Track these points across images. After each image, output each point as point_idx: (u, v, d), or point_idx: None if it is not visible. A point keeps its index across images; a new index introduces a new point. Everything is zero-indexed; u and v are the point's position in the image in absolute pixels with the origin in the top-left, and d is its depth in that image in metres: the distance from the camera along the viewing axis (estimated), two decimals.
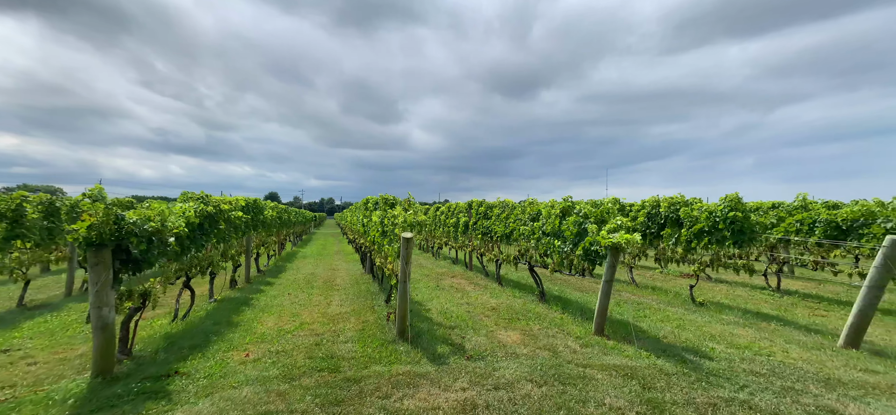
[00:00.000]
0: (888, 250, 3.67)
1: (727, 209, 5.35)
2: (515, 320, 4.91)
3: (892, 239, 3.66)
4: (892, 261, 3.68)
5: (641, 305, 5.82)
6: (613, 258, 4.16)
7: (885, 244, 3.69)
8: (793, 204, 6.99)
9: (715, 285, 7.51)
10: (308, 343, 3.89)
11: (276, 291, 6.67)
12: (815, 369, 3.33)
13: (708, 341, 4.09)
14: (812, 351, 3.79)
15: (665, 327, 4.65)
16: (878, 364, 3.44)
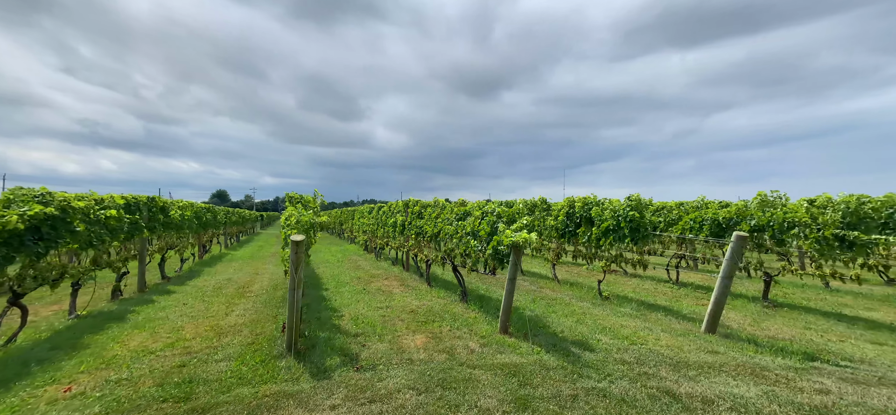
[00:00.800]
0: (735, 245, 4.29)
1: (628, 209, 5.90)
2: (429, 322, 4.89)
3: (737, 235, 4.28)
4: (738, 254, 4.30)
5: (555, 300, 6.19)
6: (515, 257, 4.32)
7: (733, 240, 4.30)
8: (692, 203, 7.99)
9: (629, 279, 8.29)
10: (169, 366, 3.44)
11: (170, 302, 5.93)
12: (673, 354, 3.75)
13: (598, 334, 4.43)
14: (679, 338, 4.30)
15: (567, 321, 4.96)
16: (721, 346, 3.99)
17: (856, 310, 5.65)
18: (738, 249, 4.29)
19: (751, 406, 2.77)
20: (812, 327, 4.75)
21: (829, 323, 4.95)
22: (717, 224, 6.96)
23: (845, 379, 3.16)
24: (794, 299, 6.34)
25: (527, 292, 6.91)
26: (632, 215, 5.76)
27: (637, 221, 5.76)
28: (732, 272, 4.33)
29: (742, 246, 4.28)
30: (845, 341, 4.26)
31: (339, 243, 18.67)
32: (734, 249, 4.28)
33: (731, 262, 4.32)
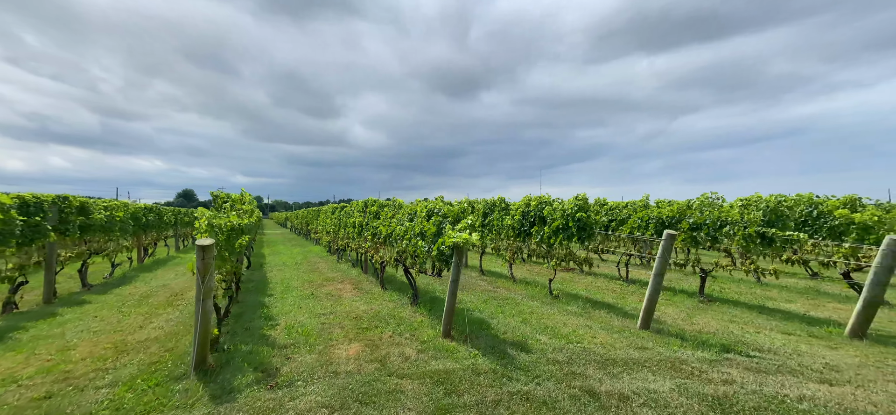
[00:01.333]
0: (665, 243, 4.52)
1: (575, 209, 6.07)
2: (371, 328, 4.73)
3: (667, 234, 4.51)
4: (668, 252, 4.54)
5: (507, 300, 6.25)
6: (457, 258, 4.26)
7: (663, 238, 4.53)
8: (640, 202, 8.43)
9: (583, 277, 8.60)
10: (28, 399, 3.00)
11: (76, 315, 5.30)
12: (604, 352, 3.87)
13: (539, 333, 4.49)
14: (615, 334, 4.46)
15: (513, 321, 5.00)
16: (651, 341, 4.19)
17: (778, 302, 6.20)
18: (668, 247, 4.52)
19: (661, 400, 2.89)
20: (736, 320, 5.12)
21: (751, 316, 5.37)
22: (661, 223, 7.39)
23: (750, 369, 3.40)
24: (728, 294, 6.85)
25: (482, 293, 6.93)
26: (579, 215, 5.94)
27: (584, 220, 5.94)
28: (663, 270, 4.56)
29: (671, 244, 4.52)
30: (761, 332, 4.63)
31: (304, 245, 17.91)
32: (664, 247, 4.51)
33: (662, 259, 4.54)
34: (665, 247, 4.51)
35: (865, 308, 4.33)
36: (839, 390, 3.00)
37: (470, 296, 6.58)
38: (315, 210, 21.18)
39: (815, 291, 7.01)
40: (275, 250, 15.50)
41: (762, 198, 6.04)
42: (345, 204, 13.31)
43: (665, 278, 8.25)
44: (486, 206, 9.44)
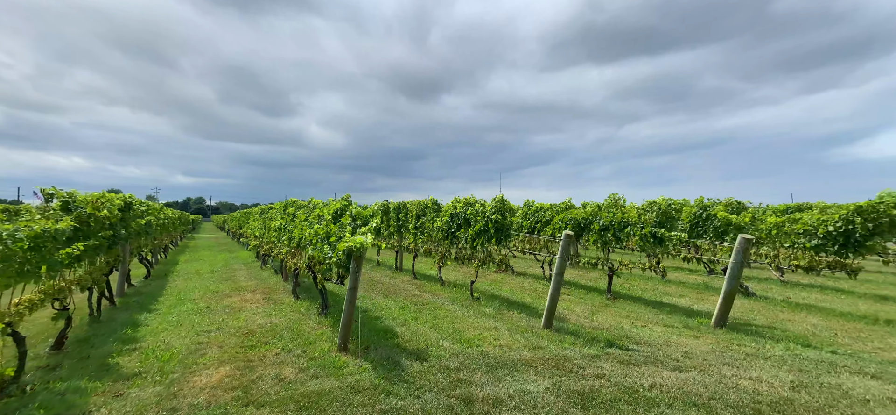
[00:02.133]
0: (563, 243, 4.80)
1: (493, 211, 6.22)
2: (257, 346, 4.26)
3: (565, 235, 4.79)
4: (566, 252, 4.83)
5: (427, 305, 6.18)
6: (355, 264, 4.01)
7: (562, 239, 4.81)
8: (561, 205, 9.04)
9: (513, 278, 8.94)
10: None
11: None
12: (499, 354, 3.95)
13: (444, 339, 4.44)
14: (517, 335, 4.60)
15: (423, 327, 4.90)
16: (547, 340, 4.39)
17: (672, 298, 7.02)
18: (566, 247, 4.80)
19: (533, 401, 2.98)
20: (630, 316, 5.65)
21: (645, 311, 5.98)
22: (577, 224, 7.97)
23: (622, 362, 3.72)
24: (633, 291, 7.60)
25: (406, 298, 6.78)
26: (495, 217, 6.09)
27: (500, 222, 6.11)
28: (563, 269, 4.83)
29: (568, 245, 4.81)
30: (647, 326, 5.15)
31: (234, 250, 16.24)
32: (563, 247, 4.78)
33: (561, 260, 4.81)
34: (564, 247, 4.78)
35: (725, 300, 5.04)
36: (685, 375, 3.39)
37: (390, 302, 6.37)
38: (247, 212, 19.30)
39: (704, 287, 8.10)
40: (196, 256, 14.01)
41: (655, 202, 6.80)
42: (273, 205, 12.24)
43: (585, 278, 8.96)
44: (419, 207, 9.33)
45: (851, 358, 3.87)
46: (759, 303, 6.47)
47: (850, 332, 4.86)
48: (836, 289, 7.67)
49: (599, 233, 7.27)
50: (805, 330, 4.94)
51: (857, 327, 5.07)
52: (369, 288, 7.73)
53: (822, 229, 5.84)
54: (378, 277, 9.32)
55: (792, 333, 4.82)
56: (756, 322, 5.33)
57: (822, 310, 5.96)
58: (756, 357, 3.87)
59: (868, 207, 5.35)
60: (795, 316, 5.66)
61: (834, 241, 5.69)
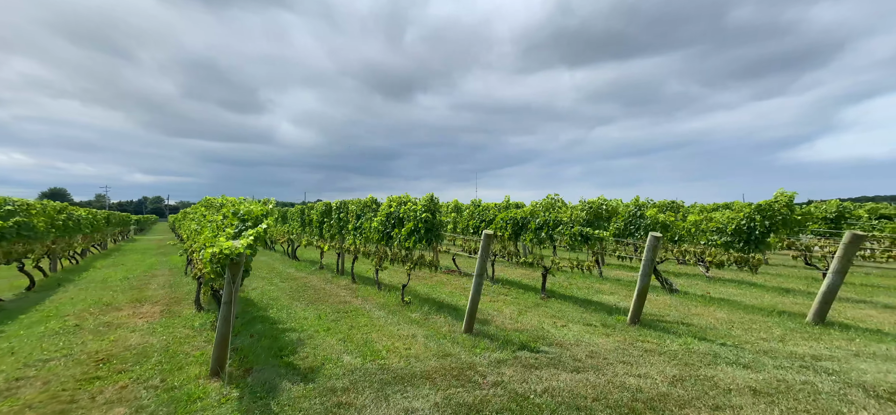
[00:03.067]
0: (484, 242, 4.80)
1: (423, 211, 6.12)
2: (102, 379, 3.67)
3: (485, 234, 4.80)
4: (486, 252, 4.83)
5: (351, 312, 5.92)
6: (230, 274, 3.65)
7: (482, 239, 4.81)
8: (502, 204, 9.21)
9: (460, 279, 8.94)
10: None
11: None
12: (403, 366, 3.82)
13: (348, 354, 4.16)
14: (433, 342, 4.51)
15: (332, 340, 4.63)
16: (460, 346, 4.35)
17: (604, 295, 7.38)
18: (487, 246, 4.80)
19: None
20: (555, 316, 5.83)
21: (571, 309, 6.21)
22: (516, 223, 8.14)
23: (527, 366, 3.77)
24: (570, 289, 7.89)
25: (332, 304, 6.47)
26: (426, 217, 5.99)
27: (431, 222, 6.02)
28: (483, 270, 4.83)
29: (488, 244, 4.82)
30: (567, 325, 5.33)
31: (170, 254, 14.81)
32: (483, 247, 4.78)
33: (481, 260, 4.80)
34: (484, 247, 4.77)
35: (638, 297, 5.36)
36: (580, 376, 3.50)
37: (310, 311, 6.03)
38: (184, 212, 17.69)
39: (634, 284, 8.66)
40: (119, 262, 12.66)
41: (590, 201, 7.10)
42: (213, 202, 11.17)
43: (530, 277, 9.20)
44: (360, 207, 9.01)
45: (734, 349, 4.25)
46: (679, 299, 7.01)
47: (746, 323, 5.38)
48: (751, 283, 8.55)
49: (535, 232, 7.47)
50: (708, 324, 5.39)
51: (753, 319, 5.63)
52: (297, 295, 7.31)
53: (730, 227, 6.42)
54: (314, 281, 8.87)
55: (695, 327, 5.23)
56: (668, 318, 5.73)
57: (732, 303, 6.58)
58: (653, 353, 4.12)
59: (765, 205, 5.95)
60: (706, 310, 6.18)
61: (739, 238, 6.28)
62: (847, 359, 3.96)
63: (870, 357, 4.02)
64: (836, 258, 5.15)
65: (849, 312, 6.05)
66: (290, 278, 9.40)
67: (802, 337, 4.73)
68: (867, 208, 11.45)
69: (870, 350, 4.23)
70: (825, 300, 5.30)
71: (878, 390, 3.22)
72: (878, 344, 4.45)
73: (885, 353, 4.15)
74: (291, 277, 9.70)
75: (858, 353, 4.14)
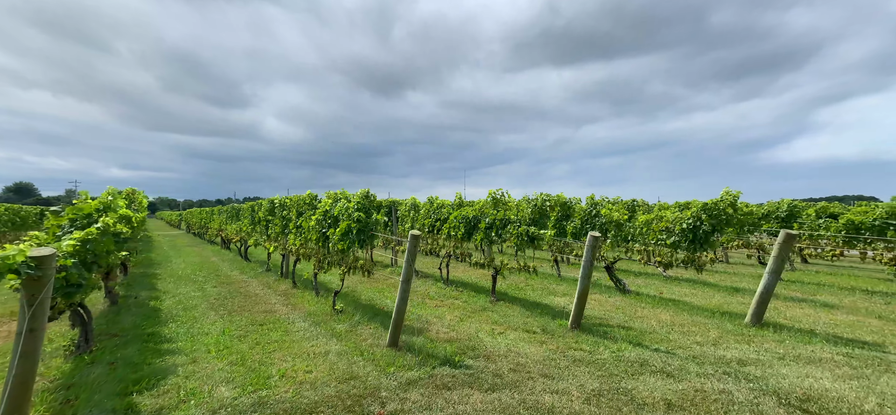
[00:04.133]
0: (410, 244, 4.50)
1: (356, 209, 5.74)
2: None
3: (412, 234, 4.50)
4: (412, 255, 4.54)
5: (267, 324, 5.46)
6: (27, 293, 2.82)
7: (408, 239, 4.51)
8: (455, 203, 9.00)
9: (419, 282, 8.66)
10: None
11: None
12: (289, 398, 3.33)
13: (226, 383, 3.52)
14: (344, 362, 4.06)
15: (222, 362, 4.08)
16: (372, 366, 4.03)
17: (556, 297, 7.31)
18: (412, 249, 4.51)
19: None
20: (496, 322, 5.63)
21: (516, 314, 6.06)
22: (468, 221, 7.94)
23: (439, 386, 3.50)
24: (524, 291, 7.78)
25: (257, 312, 6.00)
26: (358, 216, 5.62)
27: (364, 222, 5.66)
28: (410, 275, 4.53)
29: (415, 246, 4.53)
30: (505, 332, 5.14)
31: None
32: (409, 249, 4.48)
33: (408, 265, 4.50)
34: (410, 250, 4.48)
35: (578, 300, 5.26)
36: (493, 396, 3.29)
37: (219, 323, 5.45)
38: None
39: (593, 284, 8.68)
40: None
41: (528, 199, 6.98)
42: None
43: (488, 278, 9.04)
44: (301, 204, 8.49)
45: (665, 355, 4.20)
46: (630, 300, 7.05)
47: (686, 326, 5.42)
48: (705, 283, 8.80)
49: (485, 231, 7.28)
50: (648, 327, 5.38)
51: (695, 321, 5.69)
52: (220, 303, 6.74)
53: (678, 227, 6.48)
54: (252, 286, 8.30)
55: (635, 330, 5.19)
56: (612, 321, 5.69)
57: (680, 304, 6.66)
58: (581, 363, 3.99)
59: (711, 204, 6.03)
60: (652, 312, 6.21)
61: (685, 237, 6.34)
62: (771, 363, 3.99)
63: (794, 360, 4.07)
64: (771, 258, 5.26)
65: (789, 311, 6.27)
66: (227, 282, 8.77)
67: (736, 339, 4.78)
68: (817, 208, 12.18)
69: (796, 352, 4.31)
70: (762, 301, 5.42)
71: (790, 398, 3.22)
72: (806, 346, 4.55)
73: (810, 355, 4.24)
74: (230, 280, 9.08)
75: (784, 355, 4.20)
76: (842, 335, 4.96)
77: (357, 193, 5.83)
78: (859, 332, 5.11)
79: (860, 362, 4.00)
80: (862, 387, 3.42)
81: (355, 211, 5.61)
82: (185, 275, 10.00)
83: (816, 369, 3.85)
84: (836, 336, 4.91)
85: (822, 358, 4.13)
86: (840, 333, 5.08)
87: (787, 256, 5.19)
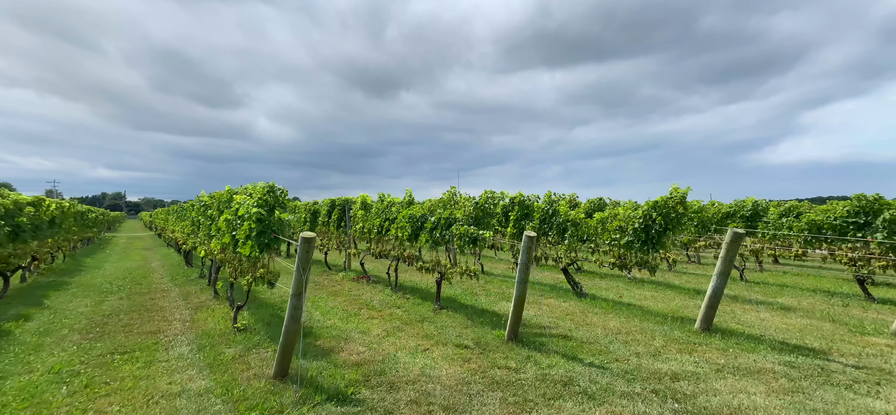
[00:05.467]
0: (300, 249, 3.98)
1: (255, 205, 5.13)
2: None
3: (302, 237, 3.98)
4: (304, 261, 4.02)
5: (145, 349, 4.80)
6: None
7: (299, 243, 3.98)
8: (405, 201, 8.54)
9: (364, 288, 8.13)
10: None
11: None
12: None
13: None
14: (202, 402, 3.54)
15: (28, 409, 3.51)
16: (233, 408, 3.51)
17: (501, 302, 6.98)
18: (304, 255, 3.98)
19: None
20: (427, 336, 5.15)
21: (453, 325, 5.62)
22: (414, 222, 7.48)
23: None
24: (473, 298, 7.37)
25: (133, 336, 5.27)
26: (258, 214, 5.01)
27: (265, 220, 5.05)
28: (300, 289, 3.99)
29: (307, 251, 4.01)
30: (430, 349, 4.70)
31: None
32: (300, 255, 3.95)
33: (298, 274, 3.97)
34: (300, 257, 3.95)
35: (516, 307, 4.88)
36: None
37: (78, 350, 4.65)
38: None
39: (551, 288, 8.40)
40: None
41: (471, 197, 6.60)
42: None
43: (420, 280, 8.63)
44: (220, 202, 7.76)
45: (598, 371, 3.88)
46: (583, 305, 6.79)
47: (632, 334, 5.16)
48: (668, 285, 8.71)
49: (430, 232, 6.84)
50: (592, 336, 5.08)
51: (643, 328, 5.44)
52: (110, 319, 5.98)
53: (631, 226, 6.25)
54: (168, 299, 7.56)
55: (576, 341, 4.88)
56: (555, 329, 5.36)
57: (634, 309, 6.44)
58: (499, 386, 3.60)
59: (661, 202, 5.81)
60: (602, 318, 5.94)
61: (638, 237, 6.12)
62: (707, 377, 3.73)
63: (732, 372, 3.84)
64: (719, 259, 5.07)
65: (744, 315, 6.16)
66: (140, 294, 8.01)
67: (679, 349, 4.54)
68: (782, 208, 12.47)
69: (737, 363, 4.09)
70: (711, 305, 5.24)
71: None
72: (750, 354, 4.36)
73: (750, 365, 4.02)
74: (149, 290, 8.34)
75: (723, 367, 3.97)
76: (789, 342, 4.82)
77: (259, 186, 5.20)
78: (808, 338, 4.99)
79: (800, 373, 3.81)
80: (794, 404, 3.19)
81: (254, 208, 4.96)
82: (96, 284, 9.08)
83: (753, 382, 3.61)
84: (782, 343, 4.76)
85: (762, 368, 3.92)
86: (789, 338, 4.95)
87: (735, 257, 5.01)
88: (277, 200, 5.20)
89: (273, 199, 5.16)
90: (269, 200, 5.10)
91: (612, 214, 6.85)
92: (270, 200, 5.12)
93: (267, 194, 5.12)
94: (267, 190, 5.16)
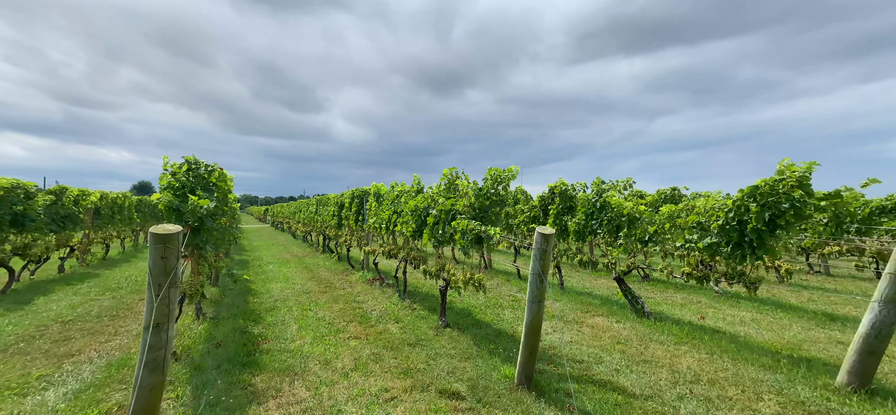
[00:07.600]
0: (152, 249, 3.07)
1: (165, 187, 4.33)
2: None
3: (153, 231, 3.07)
4: (176, 276, 3.11)
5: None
6: None
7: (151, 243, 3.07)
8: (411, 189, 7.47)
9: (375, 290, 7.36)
10: None
11: None
12: None
13: None
14: None
15: None
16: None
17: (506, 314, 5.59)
18: (158, 259, 3.07)
19: None
20: (411, 369, 4.00)
21: (456, 353, 4.40)
22: (418, 214, 6.37)
23: None
24: (485, 313, 6.04)
25: None
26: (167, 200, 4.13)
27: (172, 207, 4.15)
28: (165, 317, 3.10)
29: (164, 253, 3.09)
30: (407, 394, 3.55)
31: None
32: (153, 259, 3.05)
33: (150, 305, 3.07)
34: (154, 260, 3.05)
35: (528, 338, 3.52)
36: None
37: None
38: None
39: (599, 300, 6.76)
40: None
41: (474, 183, 5.26)
42: None
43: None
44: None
45: None
46: (644, 328, 5.16)
47: (721, 384, 3.54)
48: (782, 304, 6.56)
49: (432, 228, 5.68)
50: (652, 383, 3.54)
51: (739, 375, 3.76)
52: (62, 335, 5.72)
53: (714, 223, 4.48)
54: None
55: (625, 392, 3.39)
56: (596, 368, 3.88)
57: (725, 339, 4.70)
58: None
59: (765, 185, 4.00)
60: (671, 352, 4.31)
61: (726, 238, 4.34)
62: None
63: None
64: (885, 276, 3.18)
65: None
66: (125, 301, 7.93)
67: None
68: None
69: None
70: (868, 349, 3.39)
71: None
72: None
73: None
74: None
75: None
76: None
77: (174, 163, 4.22)
78: None
79: None
80: None
81: (165, 191, 4.05)
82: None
83: None
84: None
85: None
86: None
87: None
88: (207, 182, 4.38)
89: (202, 180, 4.33)
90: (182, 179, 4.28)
91: (688, 206, 5.07)
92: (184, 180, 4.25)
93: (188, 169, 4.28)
94: (181, 169, 4.31)
